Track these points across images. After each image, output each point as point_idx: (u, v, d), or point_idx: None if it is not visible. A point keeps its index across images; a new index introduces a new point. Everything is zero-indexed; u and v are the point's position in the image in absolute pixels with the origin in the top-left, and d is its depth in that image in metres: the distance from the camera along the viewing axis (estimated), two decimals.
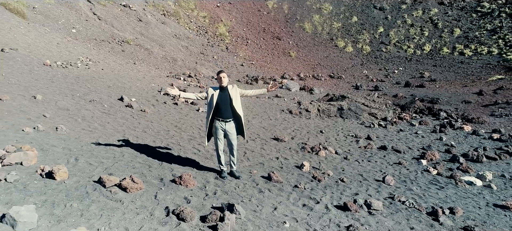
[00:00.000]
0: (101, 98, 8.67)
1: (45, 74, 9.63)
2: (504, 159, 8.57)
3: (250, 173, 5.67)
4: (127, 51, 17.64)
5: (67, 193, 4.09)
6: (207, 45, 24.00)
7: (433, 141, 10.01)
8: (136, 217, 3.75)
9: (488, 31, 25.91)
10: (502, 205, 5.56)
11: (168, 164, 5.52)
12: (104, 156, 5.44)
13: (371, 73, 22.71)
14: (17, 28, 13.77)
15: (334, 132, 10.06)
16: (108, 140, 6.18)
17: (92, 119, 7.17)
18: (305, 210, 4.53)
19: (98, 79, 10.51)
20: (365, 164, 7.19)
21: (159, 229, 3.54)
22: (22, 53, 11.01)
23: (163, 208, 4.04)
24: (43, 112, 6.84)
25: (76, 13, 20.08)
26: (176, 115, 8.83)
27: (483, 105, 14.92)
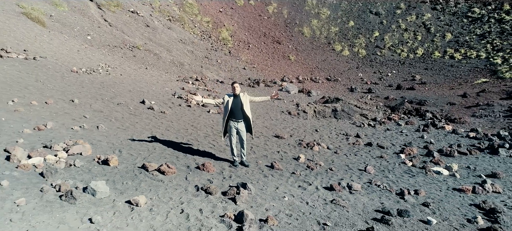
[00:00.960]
0: (126, 101, 10.03)
1: (74, 80, 10.99)
2: (474, 154, 9.93)
3: (257, 163, 7.04)
4: (138, 56, 19.01)
5: (121, 175, 5.46)
6: (211, 49, 25.37)
7: (415, 139, 11.38)
8: (175, 191, 5.12)
9: (478, 36, 27.28)
10: (459, 188, 6.91)
11: (191, 155, 6.89)
12: (140, 149, 6.81)
13: (366, 76, 24.07)
14: (41, 36, 15.13)
15: (327, 130, 11.43)
16: (140, 136, 7.55)
17: (123, 119, 8.54)
18: (300, 189, 5.90)
19: (119, 85, 11.87)
20: (352, 157, 8.56)
21: (193, 199, 4.91)
22: (50, 60, 12.37)
23: (193, 186, 5.41)
24: (83, 114, 8.20)
25: (89, 20, 21.44)
26: (191, 116, 10.19)
27: (466, 106, 16.28)
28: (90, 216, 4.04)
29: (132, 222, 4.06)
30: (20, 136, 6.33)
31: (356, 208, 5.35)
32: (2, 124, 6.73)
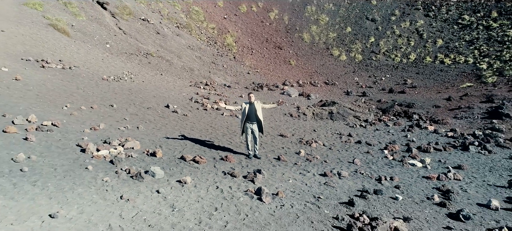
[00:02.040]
0: (153, 106, 11.84)
1: (107, 87, 12.81)
2: (448, 150, 11.74)
3: (266, 156, 8.86)
4: (152, 63, 20.83)
5: (166, 163, 7.28)
6: (217, 55, 27.19)
7: (400, 138, 13.19)
8: (209, 174, 6.94)
9: (466, 42, 29.10)
10: (427, 176, 8.72)
11: (214, 150, 8.71)
12: (174, 144, 8.62)
13: (361, 80, 25.89)
14: (69, 46, 16.95)
15: (324, 130, 13.25)
16: (172, 135, 9.37)
17: (155, 121, 10.35)
18: (301, 175, 7.71)
19: (144, 91, 13.67)
20: (343, 152, 10.38)
21: (223, 180, 6.73)
22: (83, 70, 14.20)
23: (221, 171, 7.23)
24: (123, 117, 10.02)
25: (105, 28, 23.25)
26: (208, 118, 11.99)
27: (449, 109, 18.08)
28: (156, 189, 5.86)
29: (185, 193, 5.88)
30: (83, 135, 8.14)
31: (342, 188, 7.17)
32: (65, 125, 8.54)
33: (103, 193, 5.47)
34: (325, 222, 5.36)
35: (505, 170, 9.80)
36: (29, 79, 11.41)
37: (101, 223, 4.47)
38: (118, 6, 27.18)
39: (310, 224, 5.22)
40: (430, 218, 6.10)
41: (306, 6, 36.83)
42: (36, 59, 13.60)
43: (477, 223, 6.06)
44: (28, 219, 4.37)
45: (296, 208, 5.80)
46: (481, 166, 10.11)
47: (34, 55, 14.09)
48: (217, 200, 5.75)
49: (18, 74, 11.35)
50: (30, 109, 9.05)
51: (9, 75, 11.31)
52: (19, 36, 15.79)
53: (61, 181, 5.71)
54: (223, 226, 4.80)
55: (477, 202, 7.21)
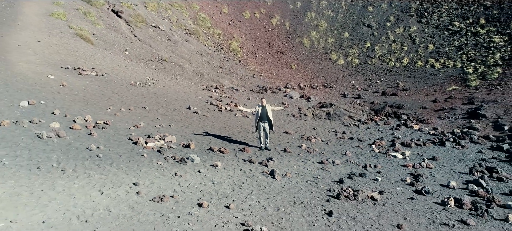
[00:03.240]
0: (177, 108, 13.95)
1: (136, 91, 14.92)
2: (427, 145, 13.83)
3: (275, 148, 10.98)
4: (167, 68, 22.95)
5: (199, 152, 9.40)
6: (223, 60, 29.30)
7: (387, 135, 15.30)
8: (232, 161, 9.06)
9: (456, 47, 31.21)
10: (404, 165, 10.82)
11: (233, 143, 10.83)
12: (202, 139, 10.75)
13: (357, 83, 28.00)
14: (95, 55, 19.07)
15: (322, 128, 15.36)
16: (198, 131, 11.49)
17: (182, 120, 12.47)
18: (303, 163, 9.83)
19: (166, 94, 15.78)
20: (338, 146, 12.49)
21: (244, 164, 8.85)
22: (113, 76, 16.32)
23: (241, 159, 9.35)
24: (156, 117, 12.14)
25: (122, 36, 25.36)
26: (224, 118, 14.10)
27: (435, 110, 20.18)
28: (198, 169, 7.98)
29: (218, 172, 7.99)
30: (130, 131, 10.26)
31: (335, 172, 9.29)
32: (114, 123, 10.66)
33: (161, 171, 7.59)
34: (321, 192, 7.48)
35: (471, 161, 11.90)
36: (73, 85, 13.52)
37: (169, 189, 6.59)
38: (131, 14, 29.28)
39: (310, 193, 7.34)
40: (400, 192, 8.22)
41: (306, 12, 38.93)
42: (73, 67, 15.71)
43: (434, 196, 8.17)
44: (120, 186, 6.49)
45: (300, 184, 7.92)
46: (452, 158, 12.21)
47: (70, 63, 16.20)
48: (242, 177, 7.87)
49: (63, 81, 13.47)
50: (83, 110, 11.17)
51: (56, 82, 13.42)
52: (53, 46, 17.89)
53: (128, 164, 7.84)
54: (250, 192, 6.92)
55: (440, 183, 9.33)
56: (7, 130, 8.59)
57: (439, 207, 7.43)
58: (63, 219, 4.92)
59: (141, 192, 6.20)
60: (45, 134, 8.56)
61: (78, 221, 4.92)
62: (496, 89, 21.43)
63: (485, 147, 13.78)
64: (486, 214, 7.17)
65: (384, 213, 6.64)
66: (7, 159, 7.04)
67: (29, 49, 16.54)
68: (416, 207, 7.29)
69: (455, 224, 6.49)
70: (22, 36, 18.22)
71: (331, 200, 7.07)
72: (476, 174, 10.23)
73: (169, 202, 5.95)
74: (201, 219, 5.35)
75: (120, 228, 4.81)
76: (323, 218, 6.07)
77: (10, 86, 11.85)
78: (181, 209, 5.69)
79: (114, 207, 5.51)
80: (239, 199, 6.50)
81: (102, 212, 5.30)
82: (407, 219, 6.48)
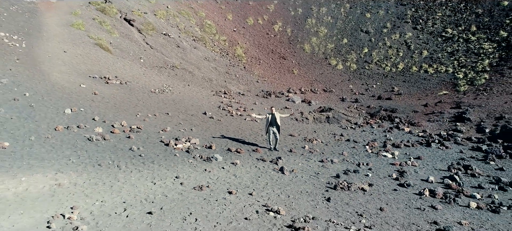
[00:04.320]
0: (194, 113, 15.80)
1: (156, 98, 16.78)
2: (415, 146, 15.68)
3: (282, 149, 12.85)
4: (178, 75, 24.81)
5: (220, 152, 11.28)
6: (229, 65, 31.17)
7: (380, 137, 17.16)
8: (248, 159, 10.94)
9: (448, 53, 33.08)
10: (392, 163, 12.68)
11: (247, 145, 12.71)
12: (220, 141, 12.61)
13: (355, 88, 29.87)
14: (116, 64, 20.93)
15: (322, 131, 17.23)
16: (216, 135, 13.36)
17: (200, 124, 14.32)
18: (306, 161, 11.69)
19: (183, 101, 17.64)
20: (336, 147, 14.36)
21: (258, 162, 10.72)
22: (134, 84, 18.18)
23: (255, 158, 11.23)
24: (178, 122, 14.00)
25: (136, 44, 27.22)
26: (236, 122, 15.96)
27: (425, 113, 22.04)
28: (222, 166, 9.85)
29: (238, 169, 9.86)
30: (159, 134, 12.13)
31: (333, 169, 11.15)
32: (145, 128, 12.52)
33: (193, 168, 9.46)
34: (321, 184, 9.35)
35: (452, 160, 13.75)
36: (103, 93, 15.39)
37: (203, 181, 8.46)
38: (142, 22, 31.14)
39: (313, 185, 9.21)
40: (386, 185, 10.08)
41: (307, 19, 40.79)
42: (100, 76, 17.58)
43: (414, 188, 10.03)
44: (166, 179, 8.35)
45: (304, 178, 9.79)
46: (436, 157, 14.07)
47: (96, 72, 18.06)
48: (257, 173, 9.75)
49: (95, 90, 15.34)
50: (117, 116, 13.04)
51: (88, 90, 15.29)
52: (79, 56, 19.76)
53: (166, 162, 9.71)
54: (266, 184, 8.79)
55: (421, 178, 11.19)
56: (63, 134, 10.46)
57: (416, 196, 9.30)
58: (135, 200, 6.76)
59: (184, 183, 8.07)
60: (94, 137, 10.43)
61: (146, 202, 6.76)
62: (482, 95, 23.31)
63: (467, 147, 15.62)
64: (453, 202, 9.04)
65: (371, 200, 8.51)
66: (73, 158, 8.91)
67: (59, 60, 18.40)
68: (397, 196, 9.16)
69: (426, 208, 8.35)
70: (50, 47, 20.08)
71: (329, 190, 8.94)
72: (453, 171, 12.09)
73: (206, 190, 7.81)
74: (233, 202, 7.21)
75: (178, 206, 6.64)
76: (323, 203, 7.94)
77: (52, 96, 13.71)
78: (216, 195, 7.54)
79: (167, 193, 7.36)
80: (258, 188, 8.36)
81: (160, 196, 7.15)
82: (388, 204, 8.35)
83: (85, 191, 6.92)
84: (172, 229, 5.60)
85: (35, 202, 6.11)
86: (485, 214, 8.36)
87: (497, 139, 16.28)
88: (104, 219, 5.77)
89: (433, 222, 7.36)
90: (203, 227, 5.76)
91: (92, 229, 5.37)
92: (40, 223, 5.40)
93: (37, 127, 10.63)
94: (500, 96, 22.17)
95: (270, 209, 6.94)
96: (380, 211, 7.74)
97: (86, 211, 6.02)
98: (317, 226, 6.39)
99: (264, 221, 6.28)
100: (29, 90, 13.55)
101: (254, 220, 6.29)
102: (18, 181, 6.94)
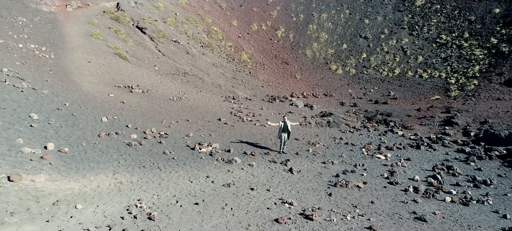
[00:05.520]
0: (210, 120, 17.78)
1: (175, 105, 18.76)
2: (406, 149, 17.67)
3: (290, 152, 14.85)
4: (190, 81, 26.78)
5: (238, 155, 13.29)
6: (236, 70, 33.14)
7: (375, 140, 19.15)
8: (261, 161, 12.95)
9: (442, 59, 35.05)
10: (385, 164, 14.68)
11: (259, 148, 14.71)
12: (236, 146, 14.62)
13: (354, 92, 31.87)
14: (134, 72, 22.90)
15: (324, 135, 19.24)
16: (232, 139, 15.35)
17: (217, 130, 16.31)
18: (310, 162, 13.70)
19: (199, 107, 19.61)
20: (336, 150, 16.36)
21: (270, 164, 12.74)
22: (154, 92, 20.15)
23: (267, 160, 13.24)
24: (198, 128, 15.99)
25: (149, 51, 29.18)
26: (247, 127, 17.95)
27: (418, 118, 24.02)
28: (241, 167, 11.86)
29: (255, 169, 11.87)
30: (184, 140, 14.12)
31: (334, 169, 13.16)
32: (171, 134, 14.51)
33: (218, 168, 11.48)
34: (324, 182, 11.35)
35: (438, 161, 15.73)
36: (129, 102, 17.38)
37: (229, 179, 10.46)
38: (154, 30, 33.09)
39: (317, 183, 11.21)
40: (377, 183, 12.09)
41: (308, 25, 42.74)
42: (124, 85, 19.56)
43: (401, 186, 12.02)
44: (199, 178, 10.36)
45: (310, 177, 11.80)
46: (423, 158, 16.06)
47: (119, 82, 20.05)
48: (271, 173, 11.76)
49: (122, 99, 17.33)
50: (146, 123, 15.03)
51: (116, 99, 17.27)
52: (102, 66, 21.74)
53: (195, 164, 11.72)
54: (279, 182, 10.79)
55: (408, 177, 13.18)
56: (106, 140, 12.46)
57: (402, 192, 11.30)
58: (181, 194, 8.76)
59: (214, 181, 10.07)
60: (132, 143, 12.44)
61: (190, 196, 8.75)
62: (470, 100, 25.30)
63: (452, 149, 17.60)
64: (432, 197, 11.05)
65: (364, 195, 10.51)
66: (121, 161, 10.91)
67: (86, 70, 20.38)
68: (386, 192, 11.17)
69: (409, 201, 10.36)
70: (75, 57, 22.06)
71: (330, 187, 10.94)
72: (436, 171, 14.09)
73: (233, 187, 9.81)
74: (255, 196, 9.21)
75: (215, 199, 8.63)
76: (326, 197, 9.94)
77: (88, 105, 15.71)
78: (241, 191, 9.55)
79: (204, 189, 9.36)
80: (273, 185, 10.37)
81: (199, 192, 9.14)
82: (378, 199, 10.35)
83: (142, 188, 8.92)
84: (216, 215, 7.58)
85: (110, 196, 8.10)
86: (456, 206, 10.37)
87: (480, 142, 18.29)
88: (165, 208, 7.75)
89: (412, 212, 9.37)
90: (238, 214, 7.75)
91: (161, 215, 7.35)
92: (121, 210, 7.38)
93: (84, 134, 12.63)
94: (487, 102, 24.16)
95: (285, 201, 8.94)
96: (371, 204, 9.75)
97: (149, 202, 8.01)
98: (322, 214, 8.39)
99: (282, 210, 8.28)
100: (67, 100, 15.53)
101: (274, 209, 8.28)
102: (88, 180, 8.94)
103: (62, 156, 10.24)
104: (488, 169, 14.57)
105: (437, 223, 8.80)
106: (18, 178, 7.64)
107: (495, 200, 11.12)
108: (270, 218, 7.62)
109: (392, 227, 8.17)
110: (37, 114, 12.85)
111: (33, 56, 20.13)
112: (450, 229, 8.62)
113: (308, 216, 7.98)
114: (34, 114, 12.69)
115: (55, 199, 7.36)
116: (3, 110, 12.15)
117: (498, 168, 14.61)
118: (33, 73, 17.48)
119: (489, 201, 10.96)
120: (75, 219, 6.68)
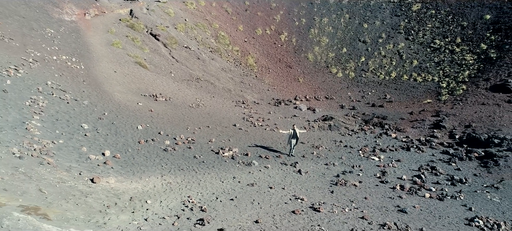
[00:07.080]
0: (227, 125, 20.32)
1: (195, 112, 21.28)
2: (398, 151, 20.27)
3: (297, 155, 17.44)
4: (203, 87, 29.28)
5: (255, 159, 15.89)
6: (243, 75, 35.62)
7: (371, 142, 21.74)
8: (274, 163, 15.56)
9: (435, 63, 37.52)
10: (378, 165, 17.27)
11: (271, 151, 17.30)
12: (252, 150, 17.20)
13: (352, 95, 34.39)
14: (155, 81, 25.40)
15: (326, 138, 21.83)
16: (247, 144, 17.93)
17: (234, 135, 18.87)
18: (315, 164, 16.29)
19: (215, 114, 22.14)
20: (336, 152, 18.95)
21: (281, 166, 15.34)
22: (175, 100, 22.67)
23: (279, 162, 15.84)
24: (218, 133, 18.55)
25: (164, 58, 31.63)
26: (259, 132, 20.51)
27: (410, 120, 26.58)
28: (259, 169, 14.46)
29: (270, 171, 14.47)
30: (208, 145, 16.69)
31: (335, 170, 15.75)
32: (196, 139, 17.07)
33: (241, 170, 14.07)
34: (327, 182, 13.96)
35: (424, 162, 18.33)
36: (156, 110, 19.92)
37: (251, 180, 13.06)
38: (166, 36, 35.49)
39: (321, 182, 13.82)
40: (371, 182, 14.69)
41: (310, 29, 45.12)
42: (149, 94, 22.09)
43: (390, 184, 14.62)
44: (227, 179, 12.96)
45: (315, 177, 14.40)
46: (412, 159, 18.65)
47: (144, 91, 22.56)
48: (283, 173, 14.36)
49: (150, 108, 19.87)
50: (174, 130, 17.60)
51: (144, 108, 19.81)
52: (127, 75, 24.24)
53: (221, 166, 14.31)
54: (291, 182, 13.40)
55: (397, 176, 15.79)
56: (146, 146, 15.04)
57: (390, 189, 13.91)
58: (218, 192, 11.33)
59: (241, 182, 12.66)
60: (168, 148, 15.01)
61: (225, 193, 11.33)
62: (458, 104, 27.86)
63: (438, 151, 20.19)
64: (414, 193, 13.66)
65: (359, 192, 13.12)
66: (163, 164, 13.49)
67: (113, 80, 22.89)
68: (377, 189, 13.78)
69: (395, 197, 12.97)
70: (102, 67, 24.54)
71: (332, 186, 13.55)
72: (421, 171, 16.69)
73: (255, 186, 12.39)
74: (274, 193, 11.80)
75: (244, 195, 11.21)
76: (329, 194, 12.54)
77: (123, 114, 18.25)
78: (263, 189, 12.13)
79: (234, 188, 11.95)
80: (287, 184, 12.97)
81: (230, 189, 11.72)
82: (371, 195, 12.95)
83: (186, 187, 11.51)
84: (248, 208, 10.17)
85: (166, 193, 10.68)
86: (433, 201, 12.99)
87: (463, 144, 20.88)
88: (210, 203, 10.34)
89: (397, 206, 11.98)
90: (264, 207, 10.34)
91: (209, 207, 9.93)
92: (179, 204, 9.96)
93: (127, 141, 15.19)
94: (472, 106, 26.72)
95: (297, 197, 11.55)
96: (364, 199, 12.36)
97: (196, 198, 10.59)
98: (326, 207, 10.99)
99: (296, 204, 10.88)
100: (105, 110, 18.07)
101: (290, 203, 10.88)
102: (145, 181, 11.53)
103: (118, 161, 12.82)
104: (466, 169, 17.15)
105: (415, 214, 11.42)
106: (98, 180, 10.21)
107: (466, 196, 13.72)
108: (288, 210, 10.20)
109: (379, 217, 10.77)
110: (86, 124, 15.39)
111: (67, 67, 22.60)
112: (425, 219, 11.24)
113: (316, 208, 10.57)
114: (84, 124, 15.24)
115: (129, 196, 9.94)
116: (60, 122, 14.71)
117: (475, 168, 17.19)
118: (71, 85, 19.99)
119: (461, 197, 13.57)
120: (150, 211, 9.24)
